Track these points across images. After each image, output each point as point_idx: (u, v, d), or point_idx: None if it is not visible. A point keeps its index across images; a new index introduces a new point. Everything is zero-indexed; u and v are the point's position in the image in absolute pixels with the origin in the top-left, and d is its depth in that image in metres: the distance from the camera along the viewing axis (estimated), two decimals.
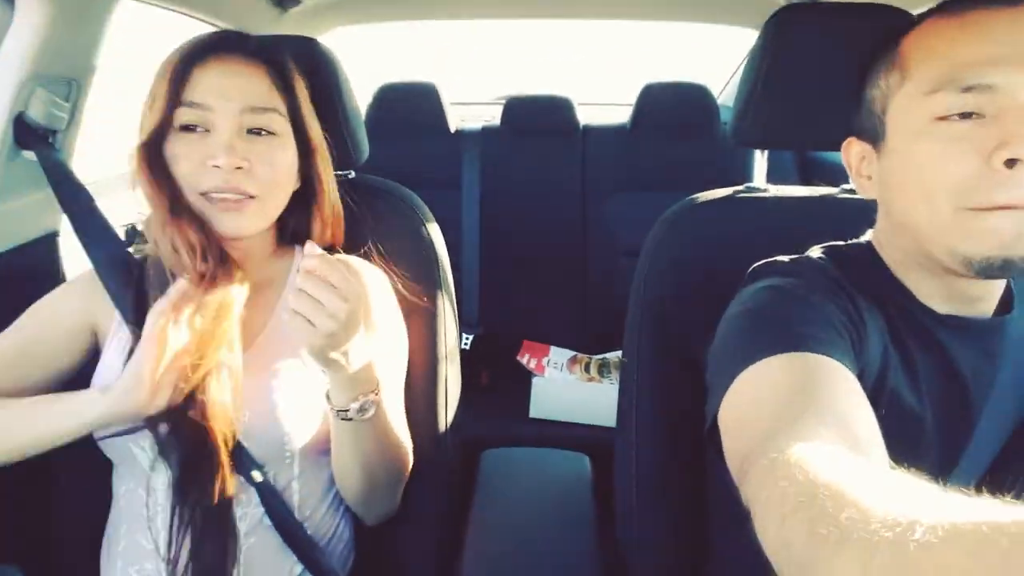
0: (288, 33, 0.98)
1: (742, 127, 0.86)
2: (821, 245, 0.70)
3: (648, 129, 1.96)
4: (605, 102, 2.57)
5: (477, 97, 2.69)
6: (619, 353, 0.92)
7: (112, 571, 0.77)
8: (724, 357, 0.58)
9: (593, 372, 1.75)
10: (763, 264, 0.68)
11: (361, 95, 0.83)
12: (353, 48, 2.03)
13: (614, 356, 1.81)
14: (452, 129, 2.03)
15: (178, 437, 0.70)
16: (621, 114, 2.09)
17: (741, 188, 0.92)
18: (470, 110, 2.31)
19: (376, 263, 0.89)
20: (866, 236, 0.70)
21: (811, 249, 0.70)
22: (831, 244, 0.70)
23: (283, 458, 0.77)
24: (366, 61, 2.40)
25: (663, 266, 0.87)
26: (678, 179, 1.65)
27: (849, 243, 0.70)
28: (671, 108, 1.93)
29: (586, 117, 2.08)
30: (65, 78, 0.92)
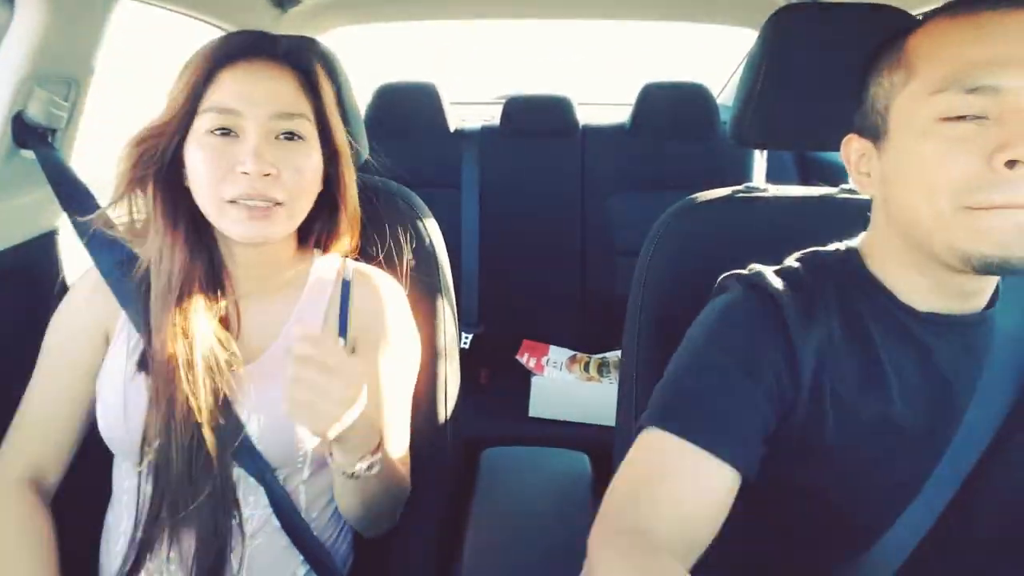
0: (288, 33, 0.98)
1: (741, 127, 0.86)
2: (802, 251, 0.71)
3: (647, 129, 1.96)
4: (604, 102, 2.57)
5: (477, 97, 2.69)
6: (618, 353, 0.92)
7: (111, 568, 0.77)
8: (658, 391, 0.65)
9: (592, 371, 1.75)
10: (729, 276, 0.69)
11: (361, 95, 0.82)
12: (353, 48, 2.03)
13: (613, 355, 1.81)
14: (451, 129, 2.03)
15: (171, 437, 0.71)
16: (620, 114, 2.09)
17: (740, 188, 0.92)
18: (469, 110, 2.31)
19: (387, 270, 0.89)
20: (857, 240, 0.70)
21: (790, 256, 0.70)
22: (813, 249, 0.71)
23: (295, 462, 0.77)
24: (366, 61, 2.40)
25: (662, 266, 0.88)
26: (677, 179, 1.66)
27: (831, 248, 0.70)
28: (670, 108, 1.93)
29: (585, 117, 2.08)
30: (64, 77, 0.92)
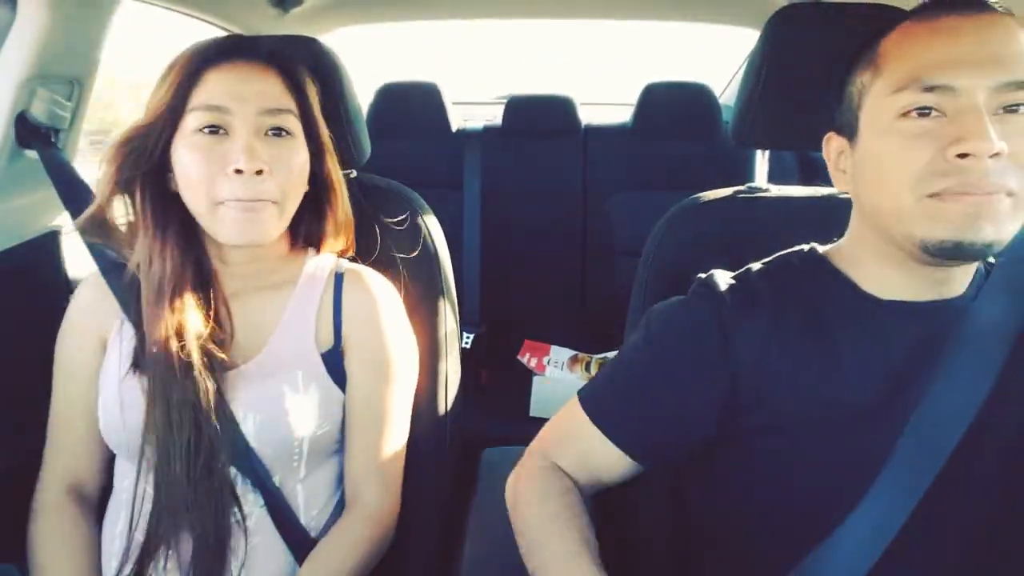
0: (289, 33, 0.98)
1: (743, 127, 0.86)
2: (768, 258, 0.75)
3: (649, 129, 1.96)
4: (607, 102, 2.57)
5: (479, 97, 2.70)
6: None
7: (110, 567, 0.77)
8: (598, 373, 0.78)
9: (593, 371, 1.75)
10: (700, 278, 0.73)
11: (363, 95, 0.83)
12: (354, 48, 2.03)
13: (615, 355, 1.81)
14: (454, 129, 2.03)
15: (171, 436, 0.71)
16: (623, 114, 2.09)
17: (743, 188, 0.92)
18: (471, 110, 2.31)
19: (388, 270, 0.89)
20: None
21: (754, 264, 0.74)
22: (779, 254, 0.74)
23: (291, 462, 0.77)
24: (367, 61, 2.40)
25: (664, 266, 0.88)
26: (679, 179, 1.66)
27: (796, 250, 0.74)
28: (673, 108, 1.93)
29: (587, 117, 2.08)
30: (67, 78, 0.93)
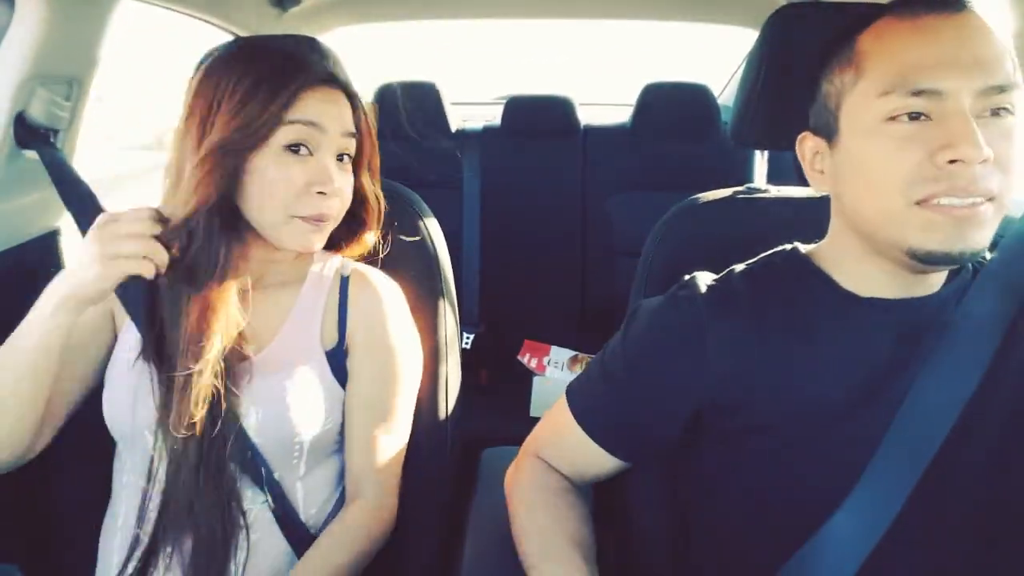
0: (288, 33, 0.98)
1: (742, 128, 0.86)
2: (752, 259, 0.75)
3: (649, 129, 1.96)
4: (606, 102, 2.57)
5: (478, 97, 2.70)
6: None
7: (110, 564, 0.77)
8: (584, 371, 0.80)
9: None
10: (684, 279, 0.74)
11: (361, 94, 0.83)
12: (353, 48, 2.03)
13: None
14: (453, 129, 2.03)
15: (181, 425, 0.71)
16: (622, 114, 2.09)
17: (742, 188, 0.92)
18: (471, 110, 2.31)
19: (388, 270, 0.90)
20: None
21: (738, 264, 0.75)
22: (763, 255, 0.75)
23: (291, 459, 0.78)
24: (366, 61, 2.40)
25: (664, 266, 0.88)
26: (679, 179, 1.66)
27: (779, 250, 0.74)
28: (672, 108, 1.93)
29: (587, 117, 2.08)
30: (66, 78, 0.92)
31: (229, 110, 0.72)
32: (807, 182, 0.72)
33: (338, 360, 0.82)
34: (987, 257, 0.68)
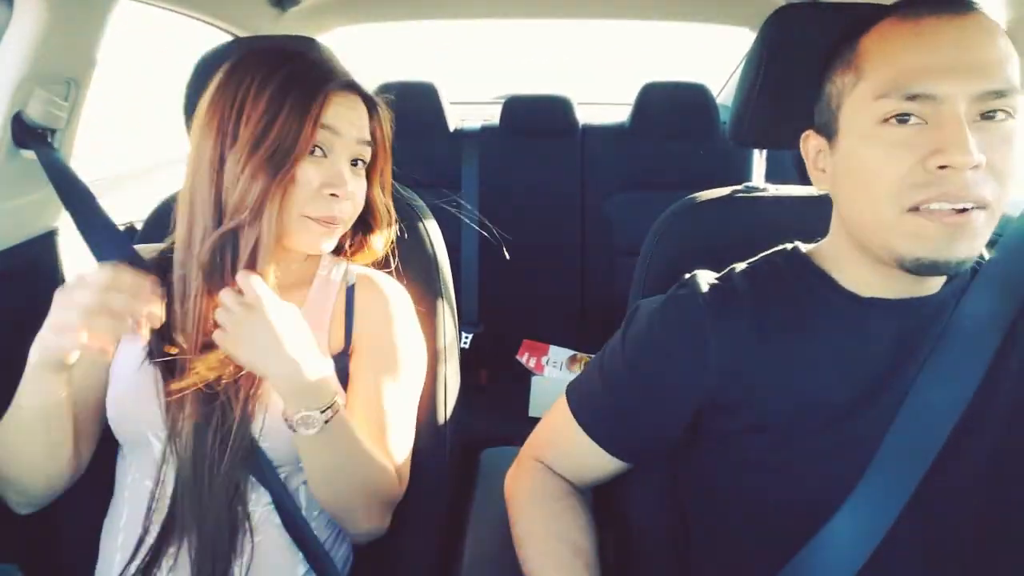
0: (287, 33, 0.98)
1: (740, 127, 0.86)
2: (753, 258, 0.75)
3: (647, 129, 1.96)
4: (604, 102, 2.57)
5: (476, 96, 2.69)
6: None
7: (111, 563, 0.76)
8: (584, 371, 0.80)
9: None
10: (685, 278, 0.74)
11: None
12: (352, 48, 2.03)
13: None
14: (451, 128, 2.03)
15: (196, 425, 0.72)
16: (620, 114, 2.09)
17: (740, 188, 0.92)
18: (469, 109, 2.31)
19: (387, 270, 0.90)
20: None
21: (739, 263, 0.74)
22: (764, 254, 0.75)
23: (297, 462, 0.78)
24: (365, 61, 2.40)
25: (662, 265, 0.88)
26: (677, 179, 1.66)
27: (780, 249, 0.74)
28: (670, 108, 1.93)
29: (585, 117, 2.08)
30: (64, 78, 0.92)
31: (258, 118, 0.71)
32: (807, 181, 0.72)
33: (344, 365, 0.82)
34: (986, 257, 0.68)
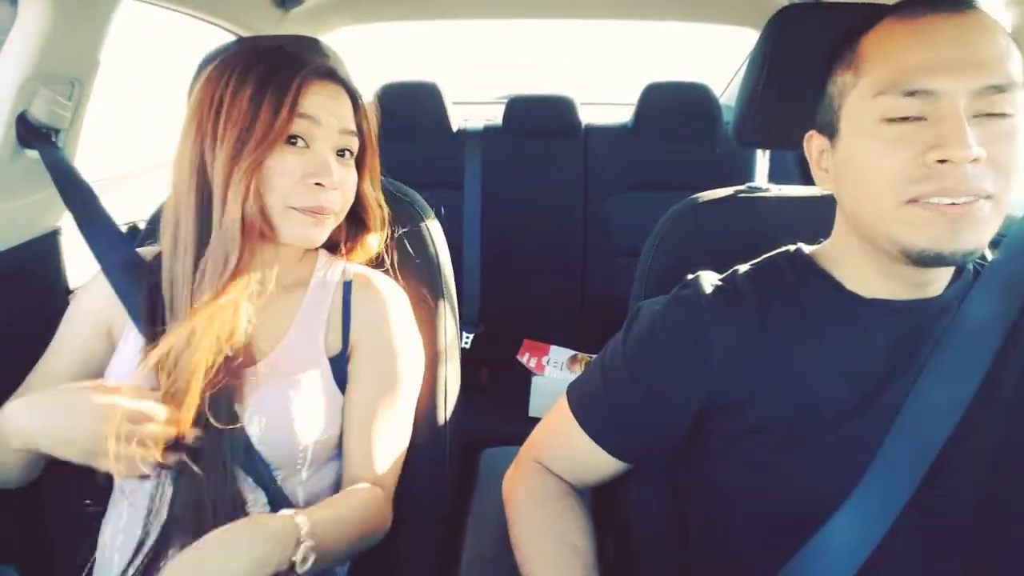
0: (290, 33, 0.98)
1: (743, 127, 0.86)
2: (756, 259, 0.75)
3: (650, 129, 1.96)
4: (607, 102, 2.56)
5: (479, 97, 2.69)
6: None
7: (111, 564, 0.76)
8: (585, 371, 0.80)
9: None
10: (688, 279, 0.74)
11: (363, 94, 0.83)
12: (355, 48, 2.03)
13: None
14: (454, 129, 2.03)
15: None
16: (623, 114, 2.09)
17: (743, 188, 0.92)
18: (472, 110, 2.31)
19: (388, 270, 0.90)
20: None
21: (742, 265, 0.75)
22: (767, 255, 0.75)
23: (295, 464, 0.78)
24: (368, 61, 2.40)
25: (665, 266, 0.87)
26: (680, 179, 1.65)
27: (783, 250, 0.74)
28: (673, 108, 1.93)
29: (588, 117, 2.08)
30: (68, 77, 0.93)
31: (237, 111, 0.72)
32: (810, 181, 0.72)
33: (341, 367, 0.81)
34: (988, 257, 0.68)
